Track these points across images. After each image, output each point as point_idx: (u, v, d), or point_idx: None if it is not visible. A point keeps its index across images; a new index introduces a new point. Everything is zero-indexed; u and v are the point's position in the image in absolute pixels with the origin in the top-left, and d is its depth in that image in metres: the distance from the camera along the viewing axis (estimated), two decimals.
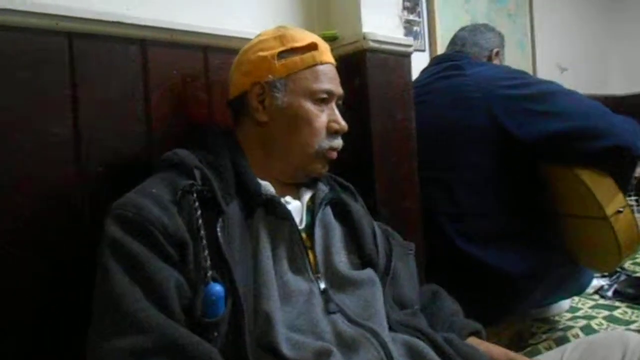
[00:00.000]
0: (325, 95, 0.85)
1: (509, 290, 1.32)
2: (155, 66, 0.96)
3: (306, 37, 0.87)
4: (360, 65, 1.16)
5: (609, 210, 1.24)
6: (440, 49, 3.15)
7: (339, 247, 0.85)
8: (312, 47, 0.86)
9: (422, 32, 3.44)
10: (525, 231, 1.33)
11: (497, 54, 1.60)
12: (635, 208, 2.49)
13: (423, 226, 1.28)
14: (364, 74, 1.16)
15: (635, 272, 2.09)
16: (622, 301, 1.79)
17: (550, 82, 1.34)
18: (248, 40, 0.91)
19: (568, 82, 5.04)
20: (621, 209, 1.25)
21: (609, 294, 1.85)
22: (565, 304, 1.72)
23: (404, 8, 3.34)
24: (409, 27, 3.36)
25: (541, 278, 1.36)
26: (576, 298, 1.86)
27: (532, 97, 1.28)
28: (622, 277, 1.92)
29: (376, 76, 1.17)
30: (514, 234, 1.32)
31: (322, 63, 0.86)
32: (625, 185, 1.29)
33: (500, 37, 1.66)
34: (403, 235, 1.24)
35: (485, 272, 1.30)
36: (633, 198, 2.64)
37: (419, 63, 1.65)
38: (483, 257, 1.29)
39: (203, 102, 1.04)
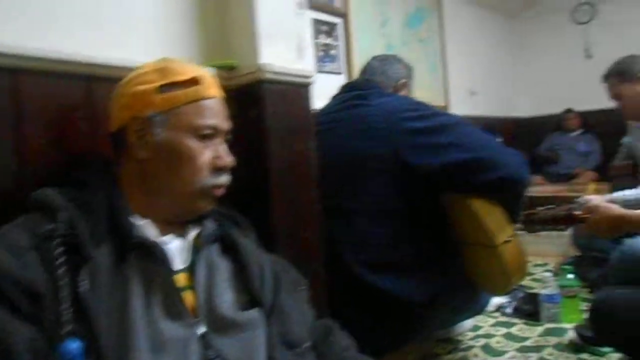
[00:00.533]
0: (209, 131, 0.83)
1: (412, 317, 1.35)
2: (29, 97, 0.90)
3: (190, 70, 0.84)
4: (257, 96, 1.15)
5: (499, 240, 1.30)
6: (357, 72, 3.23)
7: (225, 286, 0.83)
8: (195, 81, 0.83)
9: (339, 55, 3.51)
10: (427, 259, 1.37)
11: (403, 84, 1.65)
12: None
13: (324, 256, 1.28)
14: (261, 105, 1.15)
15: (532, 288, 2.23)
16: (520, 318, 1.89)
17: (449, 115, 1.40)
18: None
19: (479, 105, 5.38)
20: (509, 239, 1.32)
21: (509, 310, 1.95)
22: (468, 323, 1.79)
23: (321, 32, 3.41)
24: (326, 50, 3.43)
25: (443, 303, 1.40)
26: (478, 317, 1.94)
27: (432, 129, 1.33)
28: (520, 294, 2.04)
29: (274, 107, 1.17)
30: (415, 262, 1.35)
31: (206, 97, 0.84)
32: (514, 215, 1.36)
33: (409, 69, 1.72)
34: (304, 266, 1.23)
35: (388, 300, 1.32)
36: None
37: (336, 85, 1.68)
38: (385, 286, 1.30)
39: (86, 134, 0.97)
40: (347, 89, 1.58)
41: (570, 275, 1.84)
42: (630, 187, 2.09)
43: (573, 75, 5.01)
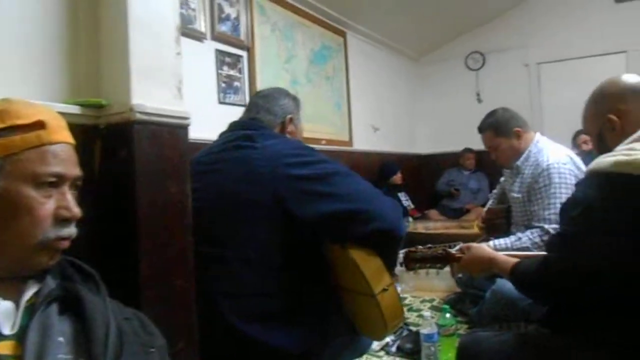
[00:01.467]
0: (53, 179, 0.76)
1: None
2: None
3: (35, 113, 0.77)
4: (127, 136, 1.09)
5: (376, 289, 1.32)
6: None
7: (63, 351, 0.75)
8: (39, 125, 0.76)
9: (242, 87, 3.50)
10: (306, 307, 1.35)
11: (290, 120, 1.62)
12: None
13: (197, 306, 1.22)
14: (131, 146, 1.09)
15: (418, 325, 2.30)
16: (402, 356, 1.93)
17: (333, 163, 1.38)
18: None
19: (382, 140, 5.60)
20: (387, 287, 1.34)
21: (393, 349, 1.99)
22: None
23: (225, 63, 3.39)
24: (229, 82, 3.40)
25: (322, 351, 1.39)
26: (363, 357, 1.96)
27: (313, 177, 1.32)
28: (405, 333, 2.09)
29: (145, 148, 1.11)
30: (295, 311, 1.32)
31: (52, 143, 0.77)
32: (391, 264, 1.39)
33: (296, 101, 1.69)
34: (176, 317, 1.17)
35: (266, 352, 1.27)
36: None
37: (239, 116, 1.64)
38: (262, 337, 1.26)
39: None
40: (233, 127, 1.54)
41: (448, 315, 1.92)
42: (503, 232, 2.26)
43: (467, 117, 5.33)
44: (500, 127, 2.17)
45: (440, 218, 5.21)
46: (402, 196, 5.09)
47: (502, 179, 2.51)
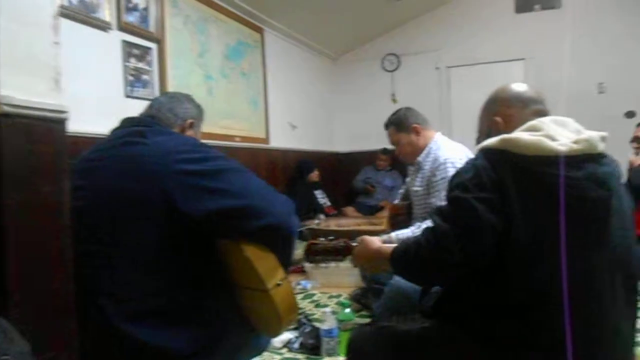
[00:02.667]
0: None
1: None
2: None
3: None
4: None
5: (270, 284, 1.32)
6: None
7: None
8: None
9: (152, 81, 3.38)
10: (199, 306, 1.33)
11: (191, 125, 1.60)
12: None
13: (81, 309, 1.16)
14: None
15: (320, 320, 2.33)
16: (304, 353, 1.96)
17: (226, 160, 1.37)
18: None
19: (300, 138, 5.63)
20: (280, 282, 1.35)
21: (296, 346, 2.00)
22: None
23: (132, 55, 3.25)
24: (137, 75, 3.27)
25: (216, 350, 1.37)
26: (265, 354, 1.97)
27: (204, 173, 1.29)
28: (308, 329, 2.11)
29: (14, 144, 1.03)
30: (185, 310, 1.30)
31: None
32: (285, 260, 1.40)
33: (200, 110, 1.67)
34: (52, 322, 1.11)
35: (154, 353, 1.24)
36: None
37: None
38: (150, 338, 1.22)
39: None
40: (126, 123, 1.49)
41: (347, 310, 1.97)
42: (405, 227, 2.36)
43: (382, 116, 5.46)
44: (400, 124, 2.30)
45: (356, 215, 5.33)
46: (319, 194, 5.16)
47: (407, 179, 2.62)
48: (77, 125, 2.72)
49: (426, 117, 2.40)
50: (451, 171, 2.10)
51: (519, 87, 1.30)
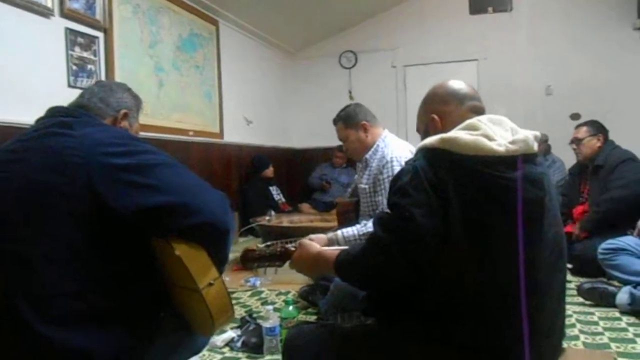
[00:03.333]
0: None
1: None
2: None
3: None
4: None
5: (202, 284, 1.28)
6: None
7: None
8: None
9: (98, 71, 3.26)
10: (126, 307, 1.26)
11: (125, 116, 1.52)
12: None
13: None
14: None
15: (264, 318, 2.30)
16: (246, 351, 1.92)
17: (159, 154, 1.31)
18: None
19: (255, 134, 5.56)
20: (212, 282, 1.30)
21: (238, 345, 1.96)
22: None
23: (76, 44, 3.12)
24: (81, 65, 3.14)
25: (145, 352, 1.32)
26: (205, 353, 1.92)
27: (133, 167, 1.23)
28: (251, 327, 2.07)
29: None
30: (109, 311, 1.23)
31: None
32: (219, 258, 1.36)
33: (136, 100, 1.59)
34: None
35: (74, 357, 1.18)
36: None
37: None
38: (69, 341, 1.15)
39: None
40: (51, 113, 1.40)
41: (291, 307, 1.95)
42: (353, 224, 2.36)
43: None
44: (349, 120, 2.29)
45: (312, 211, 5.32)
46: (274, 190, 5.12)
47: (356, 176, 2.62)
48: (13, 114, 2.60)
49: (375, 115, 2.39)
50: (397, 169, 2.10)
51: (455, 84, 1.30)
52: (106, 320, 1.22)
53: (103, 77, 3.28)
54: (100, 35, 3.29)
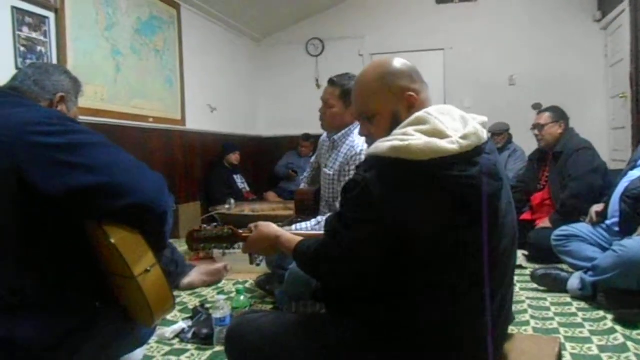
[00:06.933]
0: None
1: None
2: None
3: None
4: None
5: (137, 270, 1.22)
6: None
7: None
8: None
9: (49, 53, 3.12)
10: (55, 294, 1.21)
11: (62, 99, 1.44)
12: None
13: None
14: None
15: (216, 308, 2.25)
16: (196, 343, 1.86)
17: (90, 133, 1.25)
18: None
19: (219, 121, 5.45)
20: (149, 268, 1.25)
21: (189, 336, 1.90)
22: (137, 355, 1.69)
23: (25, 24, 2.97)
24: (30, 46, 3.00)
25: (83, 342, 1.26)
26: (153, 345, 1.86)
27: (63, 146, 1.17)
28: (203, 317, 2.02)
29: None
30: (41, 300, 1.18)
31: None
32: (157, 242, 1.31)
33: (75, 83, 1.52)
34: None
35: (3, 348, 1.12)
36: None
37: None
38: (6, 333, 1.10)
39: None
40: None
41: (242, 297, 1.91)
42: (312, 213, 2.32)
43: (306, 101, 5.41)
44: (346, 94, 2.12)
45: (278, 200, 5.27)
46: (238, 178, 5.05)
47: (312, 158, 2.57)
48: None
49: None
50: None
51: (402, 60, 1.22)
52: (39, 310, 1.17)
53: (55, 60, 3.15)
54: (51, 15, 3.15)
